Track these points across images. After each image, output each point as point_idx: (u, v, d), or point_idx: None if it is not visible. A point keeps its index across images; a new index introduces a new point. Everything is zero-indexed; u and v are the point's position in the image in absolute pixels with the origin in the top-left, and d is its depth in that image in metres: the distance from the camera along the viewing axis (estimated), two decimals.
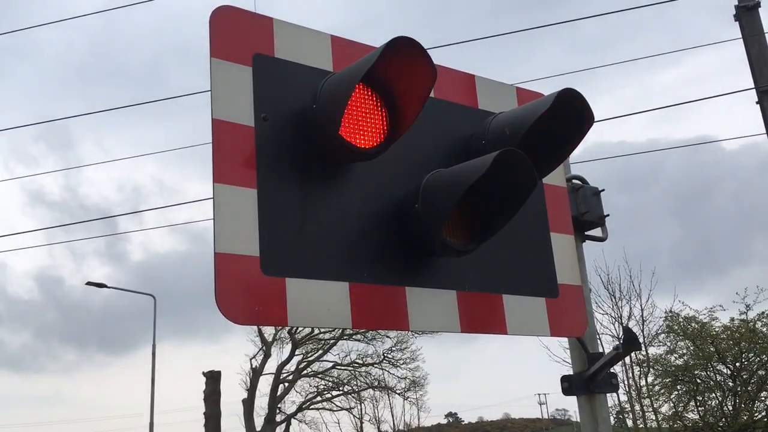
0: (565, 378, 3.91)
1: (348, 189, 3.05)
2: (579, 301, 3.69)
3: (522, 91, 3.92)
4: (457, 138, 3.48)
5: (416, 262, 3.13)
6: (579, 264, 3.87)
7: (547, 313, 3.50)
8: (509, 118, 3.40)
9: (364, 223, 3.04)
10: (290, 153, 2.93)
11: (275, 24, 3.10)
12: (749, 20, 12.38)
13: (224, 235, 2.68)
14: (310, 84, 3.02)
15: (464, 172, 2.95)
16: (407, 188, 3.14)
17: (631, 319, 24.11)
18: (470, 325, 3.22)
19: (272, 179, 2.85)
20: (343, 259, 2.93)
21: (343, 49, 3.24)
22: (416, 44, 2.78)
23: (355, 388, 37.33)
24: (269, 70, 2.99)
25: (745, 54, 12.29)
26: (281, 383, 34.28)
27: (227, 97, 2.86)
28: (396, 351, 35.80)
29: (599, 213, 4.22)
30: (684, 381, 22.88)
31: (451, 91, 3.58)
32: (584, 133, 3.28)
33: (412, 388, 37.73)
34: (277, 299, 2.72)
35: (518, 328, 3.38)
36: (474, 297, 3.27)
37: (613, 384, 3.94)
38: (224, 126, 2.82)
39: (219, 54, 2.90)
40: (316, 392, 36.11)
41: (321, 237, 2.90)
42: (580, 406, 3.90)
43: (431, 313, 3.12)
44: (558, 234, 3.73)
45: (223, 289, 2.62)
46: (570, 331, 3.67)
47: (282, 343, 34.68)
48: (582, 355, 3.96)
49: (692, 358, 22.83)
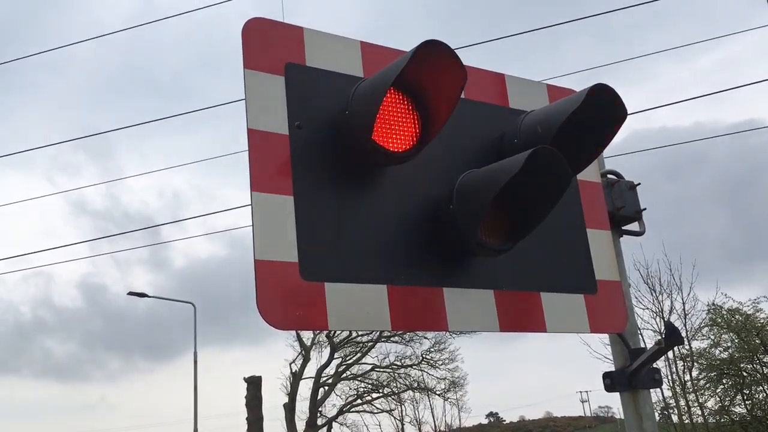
0: (607, 374, 3.89)
1: (383, 192, 3.08)
2: (618, 297, 3.67)
3: (553, 88, 3.91)
4: (490, 138, 3.49)
5: (453, 262, 3.14)
6: (617, 259, 3.84)
7: (586, 309, 3.49)
8: (541, 116, 3.40)
9: (399, 226, 3.06)
10: (325, 159, 2.97)
11: (305, 33, 3.15)
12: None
13: (263, 242, 2.73)
14: (342, 91, 3.06)
15: (498, 172, 2.96)
16: (441, 189, 3.16)
17: (672, 313, 23.71)
18: (509, 324, 3.23)
19: (308, 186, 2.90)
20: (380, 262, 2.96)
21: (372, 55, 3.28)
22: (445, 47, 2.80)
23: (395, 390, 37.41)
24: (301, 79, 3.04)
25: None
26: (321, 387, 34.50)
27: (261, 106, 2.92)
28: (434, 352, 35.82)
29: (636, 207, 4.18)
30: (729, 374, 22.47)
31: (481, 91, 3.59)
32: (617, 128, 3.26)
33: (451, 388, 37.71)
34: (317, 304, 2.76)
35: (557, 326, 3.37)
36: (512, 296, 3.28)
37: (656, 379, 3.89)
38: (259, 135, 2.87)
39: (252, 65, 2.96)
40: (356, 395, 36.29)
41: (358, 241, 2.93)
42: (623, 402, 3.87)
43: (469, 313, 3.13)
44: (594, 230, 3.71)
45: (264, 296, 2.67)
46: (610, 326, 3.65)
47: (321, 347, 34.97)
48: (623, 351, 3.93)
49: (737, 351, 22.41)
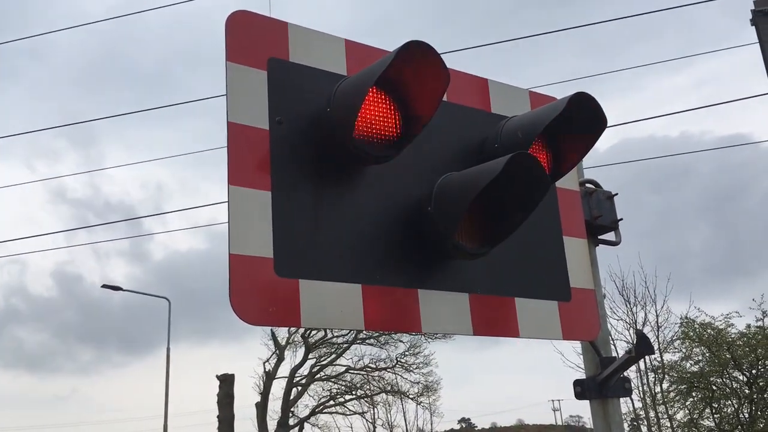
0: (578, 382, 3.91)
1: (361, 192, 3.07)
2: (592, 305, 3.69)
3: (535, 95, 3.93)
4: (470, 141, 3.49)
5: (429, 264, 3.14)
6: (592, 268, 3.87)
7: (559, 316, 3.50)
8: (522, 122, 3.41)
9: (377, 226, 3.06)
10: (304, 156, 2.96)
11: (290, 28, 3.13)
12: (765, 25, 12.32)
13: (238, 236, 2.71)
14: (325, 88, 3.04)
15: (477, 175, 2.96)
16: (420, 191, 3.16)
17: (646, 325, 23.93)
18: (482, 328, 3.23)
19: (286, 182, 2.88)
20: (356, 261, 2.95)
21: (357, 53, 3.27)
22: (429, 48, 2.80)
23: (368, 393, 37.33)
24: (284, 74, 3.03)
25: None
26: (294, 387, 34.33)
27: (242, 100, 2.90)
28: (409, 355, 35.77)
29: (612, 217, 4.21)
30: (699, 388, 22.71)
31: (464, 94, 3.59)
32: (597, 137, 3.28)
33: (425, 392, 37.72)
34: (291, 300, 2.75)
35: (531, 332, 3.38)
36: (486, 300, 3.28)
37: (627, 388, 3.92)
38: (239, 129, 2.85)
39: (234, 58, 2.93)
40: (329, 396, 36.14)
41: (334, 239, 2.92)
42: (593, 410, 3.89)
43: (443, 315, 3.13)
44: (571, 238, 3.73)
45: (237, 291, 2.65)
46: (582, 334, 3.67)
47: (295, 347, 34.77)
48: (595, 359, 3.95)
49: (708, 365, 22.66)
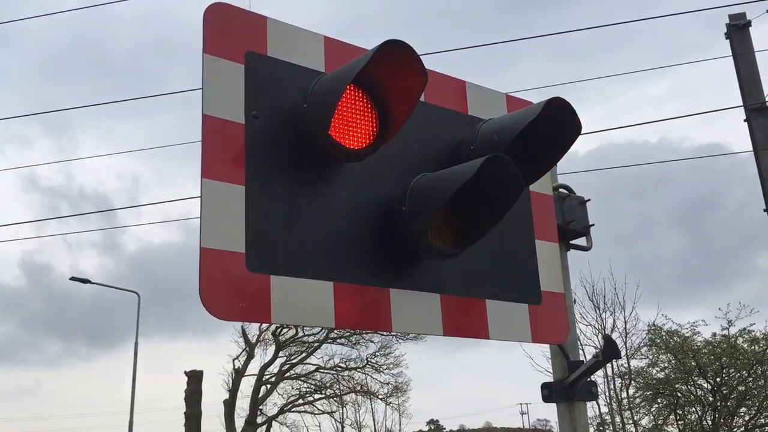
0: (546, 385, 3.95)
1: (336, 189, 3.06)
2: (561, 309, 3.72)
3: (512, 98, 3.95)
4: (446, 143, 3.50)
5: (401, 264, 3.14)
6: (563, 272, 3.90)
7: (529, 319, 3.53)
8: (498, 125, 3.43)
9: (350, 224, 3.05)
10: (279, 151, 2.94)
11: (269, 23, 3.11)
12: (740, 39, 12.53)
13: (210, 230, 2.68)
14: (302, 84, 3.03)
15: (451, 177, 2.97)
16: (395, 190, 3.16)
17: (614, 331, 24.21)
18: (452, 328, 3.24)
19: (260, 177, 2.86)
20: (328, 259, 2.94)
21: (335, 50, 3.26)
22: (408, 47, 2.80)
23: (338, 392, 37.26)
24: (261, 69, 3.01)
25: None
26: (263, 385, 34.15)
27: (218, 93, 2.87)
28: (380, 356, 35.76)
29: (585, 222, 4.26)
30: (665, 394, 23.03)
31: (441, 96, 3.60)
32: (571, 142, 3.31)
33: (394, 393, 37.74)
34: (261, 296, 2.73)
35: (500, 334, 3.40)
36: (457, 301, 3.29)
37: (593, 392, 3.97)
38: (214, 122, 2.82)
39: (211, 50, 2.91)
40: (298, 395, 36.00)
41: (307, 236, 2.91)
42: (559, 413, 3.93)
43: (414, 315, 3.14)
44: (543, 241, 3.76)
45: (207, 285, 2.62)
46: (551, 337, 3.70)
47: (266, 345, 34.60)
48: (563, 363, 3.99)
49: (673, 372, 22.98)
